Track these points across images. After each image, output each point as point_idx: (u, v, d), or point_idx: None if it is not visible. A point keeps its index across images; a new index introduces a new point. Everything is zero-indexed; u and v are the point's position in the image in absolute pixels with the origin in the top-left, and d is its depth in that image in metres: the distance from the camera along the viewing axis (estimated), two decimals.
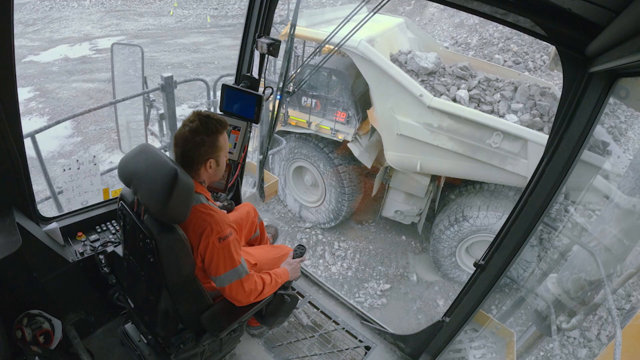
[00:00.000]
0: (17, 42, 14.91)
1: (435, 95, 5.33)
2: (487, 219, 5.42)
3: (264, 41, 1.97)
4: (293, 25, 2.32)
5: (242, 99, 2.05)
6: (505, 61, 9.45)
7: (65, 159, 8.19)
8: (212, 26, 16.29)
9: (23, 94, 10.86)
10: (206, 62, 12.60)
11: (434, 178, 5.96)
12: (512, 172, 5.01)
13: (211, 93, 3.98)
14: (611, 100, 1.45)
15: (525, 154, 4.86)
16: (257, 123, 2.10)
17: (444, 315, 2.17)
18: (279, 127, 6.59)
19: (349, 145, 6.10)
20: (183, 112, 10.08)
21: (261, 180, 3.72)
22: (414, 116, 5.24)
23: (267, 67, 2.23)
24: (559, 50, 1.42)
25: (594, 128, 1.48)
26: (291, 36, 2.34)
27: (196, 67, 12.24)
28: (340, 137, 6.09)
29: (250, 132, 2.25)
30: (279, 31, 6.81)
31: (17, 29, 16.58)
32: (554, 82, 6.90)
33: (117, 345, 2.15)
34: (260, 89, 2.14)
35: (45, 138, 8.24)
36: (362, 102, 6.18)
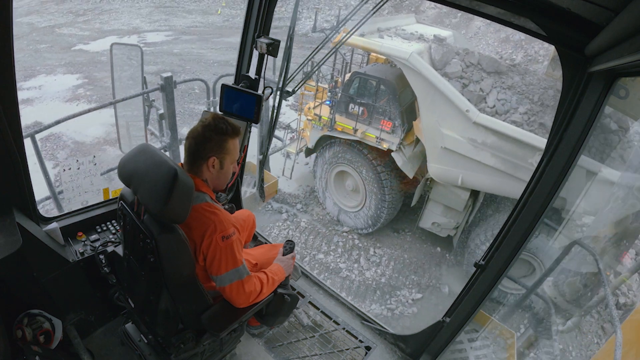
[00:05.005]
0: (68, 30, 15.24)
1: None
2: None
3: (263, 41, 1.97)
4: (292, 27, 2.33)
5: (241, 99, 2.05)
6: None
7: (109, 145, 8.40)
8: None
9: (72, 80, 11.24)
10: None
11: (474, 193, 6.00)
12: None
13: (210, 93, 3.99)
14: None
15: None
16: (257, 123, 2.10)
17: (444, 316, 2.17)
18: (324, 132, 6.75)
19: (392, 154, 6.20)
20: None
21: (261, 180, 3.73)
22: (459, 130, 5.32)
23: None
24: (559, 50, 1.42)
25: (594, 128, 1.48)
26: (290, 36, 2.34)
27: None
28: (384, 145, 6.18)
29: (250, 132, 2.25)
30: (331, 39, 7.05)
31: (68, 18, 17.01)
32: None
33: (117, 345, 2.15)
34: (260, 89, 2.14)
35: (92, 123, 8.56)
36: (408, 112, 6.28)
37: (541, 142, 4.91)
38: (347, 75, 7.05)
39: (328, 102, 6.88)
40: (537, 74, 6.51)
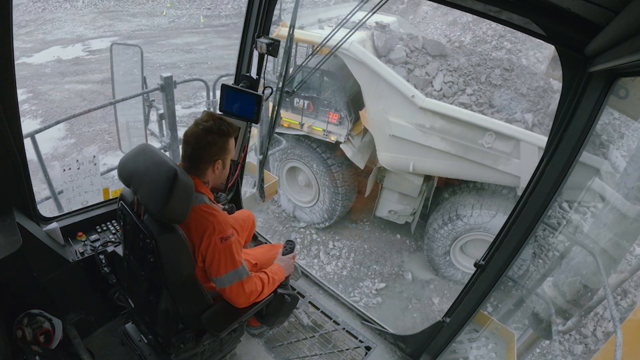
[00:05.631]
0: None
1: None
2: (480, 218, 5.45)
3: (263, 41, 1.97)
4: (292, 26, 2.32)
5: (241, 99, 2.05)
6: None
7: (58, 161, 8.21)
8: (205, 26, 16.12)
9: None
10: (199, 63, 12.56)
11: (428, 178, 5.98)
12: (505, 171, 5.04)
13: (210, 93, 3.98)
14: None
15: (517, 153, 4.89)
16: (257, 123, 2.10)
17: (444, 316, 2.17)
18: None
19: (341, 146, 6.11)
20: (176, 112, 10.08)
21: (261, 180, 3.72)
22: (406, 117, 5.25)
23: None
24: (558, 50, 1.42)
25: (594, 128, 1.48)
26: (290, 36, 2.34)
27: (190, 67, 12.28)
28: (332, 138, 6.08)
29: (250, 132, 2.25)
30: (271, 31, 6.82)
31: None
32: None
33: (117, 345, 2.15)
34: (260, 89, 2.15)
35: (38, 140, 8.36)
36: (355, 103, 6.18)
37: (490, 122, 4.92)
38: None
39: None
40: (482, 54, 6.48)
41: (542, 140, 4.81)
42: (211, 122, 1.49)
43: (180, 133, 2.72)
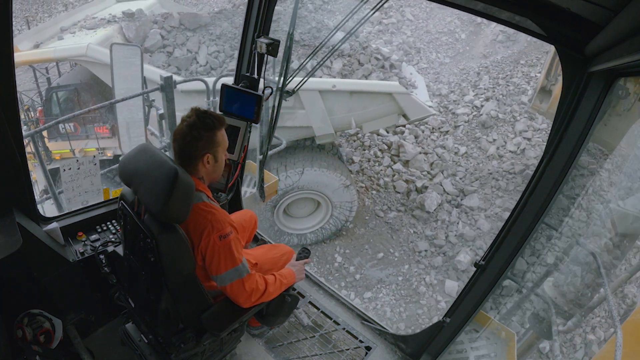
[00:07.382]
0: None
1: None
2: (289, 179, 5.23)
3: (263, 41, 1.97)
4: (292, 26, 2.33)
5: (241, 99, 2.05)
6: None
7: None
8: None
9: None
10: None
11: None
12: (295, 126, 4.84)
13: (211, 94, 3.99)
14: None
15: (300, 104, 4.71)
16: (256, 123, 2.10)
17: (444, 316, 2.17)
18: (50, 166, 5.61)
19: None
20: None
21: (261, 180, 3.72)
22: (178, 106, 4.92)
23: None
24: (558, 50, 1.42)
25: (594, 128, 1.48)
26: (290, 36, 2.34)
27: None
28: (108, 154, 5.50)
29: (250, 132, 2.25)
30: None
31: None
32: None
33: (117, 344, 2.15)
34: (260, 89, 2.14)
35: None
36: None
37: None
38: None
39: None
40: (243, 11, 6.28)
41: (320, 82, 4.63)
42: (194, 117, 1.48)
43: None
